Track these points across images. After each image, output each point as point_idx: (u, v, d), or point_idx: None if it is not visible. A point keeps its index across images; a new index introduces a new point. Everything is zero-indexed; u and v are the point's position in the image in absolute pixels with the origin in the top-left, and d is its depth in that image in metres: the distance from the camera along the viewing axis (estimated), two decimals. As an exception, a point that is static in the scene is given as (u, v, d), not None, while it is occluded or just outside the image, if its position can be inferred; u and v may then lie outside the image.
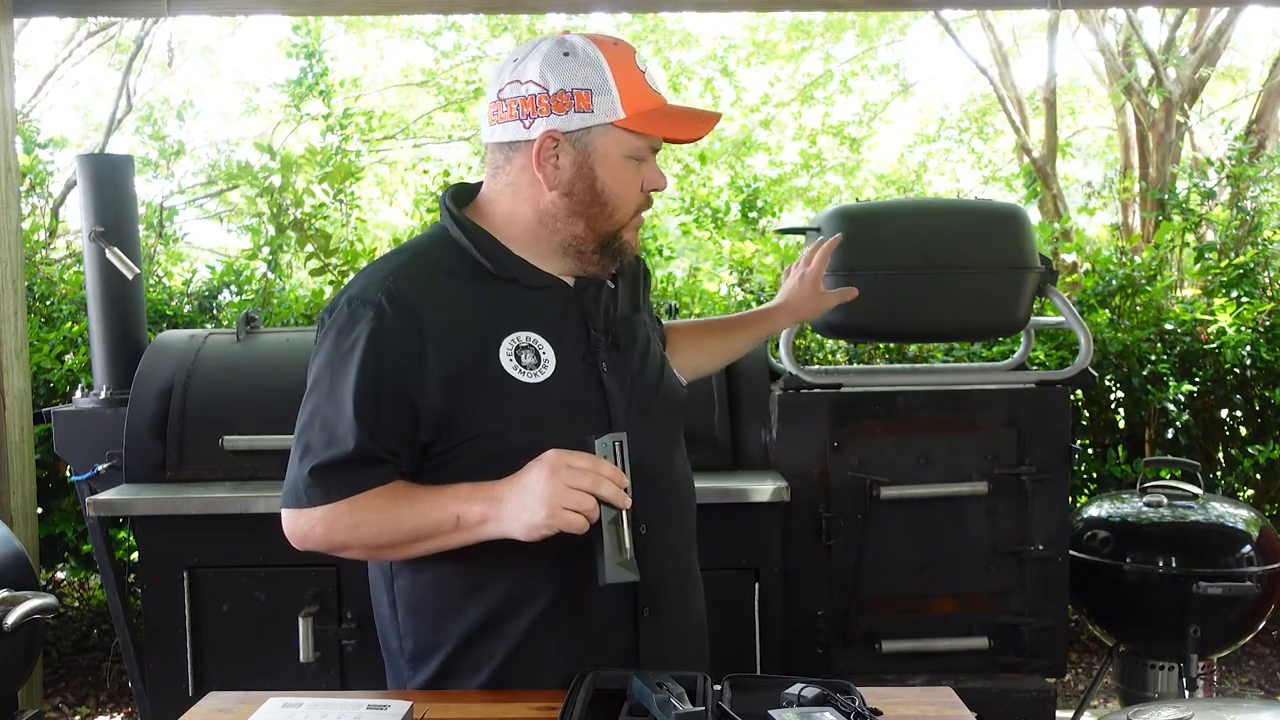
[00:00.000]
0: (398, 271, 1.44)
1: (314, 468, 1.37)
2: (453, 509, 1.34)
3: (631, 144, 1.43)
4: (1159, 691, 2.88)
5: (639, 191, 1.47)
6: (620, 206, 1.46)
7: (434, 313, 1.40)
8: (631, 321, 1.59)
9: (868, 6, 7.59)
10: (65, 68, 8.40)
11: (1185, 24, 8.36)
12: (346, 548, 1.41)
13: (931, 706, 1.40)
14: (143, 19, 6.63)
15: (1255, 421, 4.22)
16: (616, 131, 1.42)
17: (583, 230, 1.45)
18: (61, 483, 3.89)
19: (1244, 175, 4.76)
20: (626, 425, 1.43)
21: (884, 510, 2.63)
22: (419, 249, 1.51)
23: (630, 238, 1.49)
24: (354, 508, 1.37)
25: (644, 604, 1.47)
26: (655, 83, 1.45)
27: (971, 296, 2.66)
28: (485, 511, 1.33)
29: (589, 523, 1.29)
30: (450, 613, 1.46)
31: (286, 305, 4.36)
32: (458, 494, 1.35)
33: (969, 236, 2.68)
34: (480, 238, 1.48)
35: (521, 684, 1.45)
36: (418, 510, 1.36)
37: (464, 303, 1.43)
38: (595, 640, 1.46)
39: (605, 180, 1.43)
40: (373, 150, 8.70)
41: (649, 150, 1.47)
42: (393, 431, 1.38)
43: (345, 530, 1.38)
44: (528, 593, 1.44)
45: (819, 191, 10.43)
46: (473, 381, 1.39)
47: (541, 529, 1.29)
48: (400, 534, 1.37)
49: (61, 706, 3.89)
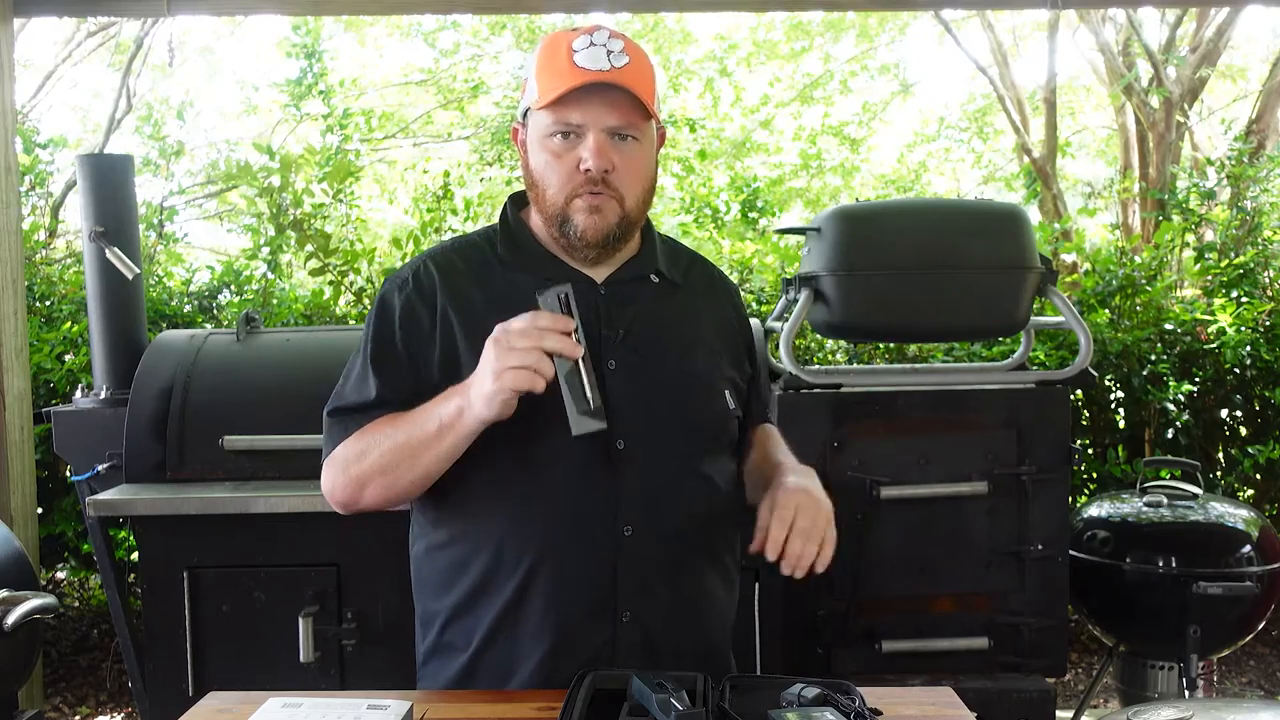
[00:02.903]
0: (432, 255, 1.55)
1: (332, 410, 1.50)
2: (434, 412, 1.39)
3: (546, 123, 1.44)
4: (1159, 691, 2.88)
5: (575, 170, 1.44)
6: (548, 186, 1.46)
7: (449, 295, 1.49)
8: (675, 332, 1.55)
9: (868, 6, 7.59)
10: (65, 68, 8.40)
11: (1185, 24, 8.36)
12: (364, 483, 1.45)
13: (931, 706, 1.40)
14: (142, 19, 6.63)
15: (1255, 421, 4.22)
16: (537, 114, 1.45)
17: (541, 214, 1.50)
18: (61, 483, 3.89)
19: (1244, 175, 4.76)
20: (627, 427, 1.42)
21: (884, 510, 2.63)
22: (463, 238, 1.61)
23: (581, 220, 1.45)
24: (361, 436, 1.45)
25: (622, 607, 1.45)
26: (590, 61, 1.41)
27: (971, 296, 2.66)
28: (459, 403, 1.36)
29: (543, 378, 1.30)
30: (443, 585, 1.51)
31: (286, 305, 4.36)
32: (437, 400, 1.40)
33: (969, 236, 2.68)
34: (516, 230, 1.55)
35: (496, 670, 1.47)
36: (408, 424, 1.41)
37: (478, 289, 1.50)
38: (570, 637, 1.44)
39: (534, 162, 1.48)
40: (374, 150, 8.70)
41: (575, 128, 1.43)
42: (405, 389, 1.46)
43: (356, 460, 1.44)
44: (502, 576, 1.45)
45: (818, 192, 10.43)
46: (470, 362, 1.42)
47: (496, 396, 1.31)
48: (399, 451, 1.41)
49: (61, 706, 3.89)
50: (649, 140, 1.50)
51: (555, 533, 1.43)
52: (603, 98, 1.42)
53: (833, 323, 2.73)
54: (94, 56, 8.65)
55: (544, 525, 1.44)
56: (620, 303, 1.51)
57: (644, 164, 1.49)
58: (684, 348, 1.55)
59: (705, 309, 1.62)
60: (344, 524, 2.40)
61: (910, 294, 2.64)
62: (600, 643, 1.45)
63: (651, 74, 1.48)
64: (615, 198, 1.45)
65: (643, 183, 1.50)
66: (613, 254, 1.52)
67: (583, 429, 1.32)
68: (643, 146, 1.48)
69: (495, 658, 1.47)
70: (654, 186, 1.55)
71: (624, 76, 1.41)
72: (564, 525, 1.43)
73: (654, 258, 1.58)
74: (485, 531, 1.45)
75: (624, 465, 1.43)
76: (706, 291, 1.65)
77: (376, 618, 2.49)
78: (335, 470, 1.47)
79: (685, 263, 1.66)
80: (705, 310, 1.62)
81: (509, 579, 1.45)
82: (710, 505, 1.53)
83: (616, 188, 1.45)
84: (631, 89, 1.41)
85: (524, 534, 1.44)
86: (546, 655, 1.44)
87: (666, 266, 1.60)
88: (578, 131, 1.43)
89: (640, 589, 1.45)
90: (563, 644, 1.44)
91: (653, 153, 1.53)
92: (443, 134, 10.13)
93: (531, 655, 1.45)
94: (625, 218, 1.47)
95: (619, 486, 1.42)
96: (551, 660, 1.44)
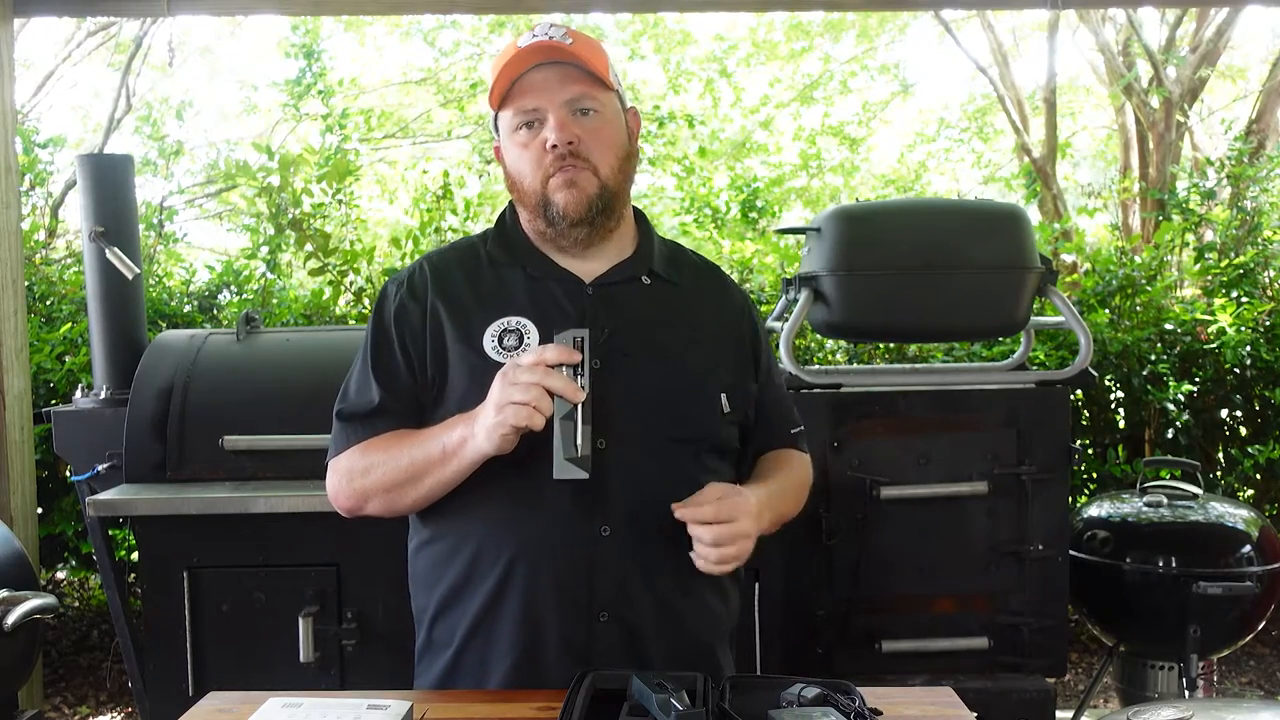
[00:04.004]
0: (429, 256, 1.59)
1: (338, 412, 1.53)
2: (440, 438, 1.41)
3: (509, 119, 1.49)
4: (1159, 691, 2.88)
5: (543, 151, 1.46)
6: (523, 177, 1.49)
7: (439, 292, 1.52)
8: (666, 333, 1.54)
9: (868, 6, 7.59)
10: (65, 68, 8.40)
11: (1185, 24, 8.36)
12: (367, 496, 1.48)
13: (931, 706, 1.40)
14: (142, 19, 6.63)
15: (1255, 421, 4.22)
16: (503, 115, 1.51)
17: (526, 208, 1.52)
18: (61, 483, 3.89)
19: (1244, 175, 4.76)
20: (609, 427, 1.42)
21: (884, 510, 2.63)
22: (463, 240, 1.64)
23: (560, 198, 1.47)
24: (366, 451, 1.48)
25: (599, 607, 1.44)
26: (534, 43, 1.43)
27: (971, 296, 2.66)
28: (463, 433, 1.38)
29: (542, 415, 1.30)
30: (430, 581, 1.53)
31: (286, 305, 4.36)
32: (445, 425, 1.42)
33: (969, 236, 2.67)
34: (510, 230, 1.57)
35: (477, 667, 1.47)
36: (414, 446, 1.43)
37: (469, 287, 1.52)
38: (545, 635, 1.44)
39: (509, 160, 1.52)
40: (374, 149, 8.70)
41: (534, 113, 1.46)
42: (406, 390, 1.50)
43: (361, 475, 1.47)
44: (481, 573, 1.46)
45: (818, 192, 10.42)
46: (456, 359, 1.47)
47: (496, 430, 1.32)
48: (402, 472, 1.44)
49: (61, 706, 3.89)
50: (613, 112, 1.51)
51: (533, 531, 1.44)
52: (554, 74, 1.45)
53: (833, 323, 2.73)
54: (94, 56, 8.65)
55: (522, 523, 1.44)
56: (607, 303, 1.51)
57: (611, 133, 1.50)
58: (675, 349, 1.53)
59: (708, 313, 1.60)
60: (344, 524, 2.39)
61: (910, 294, 2.64)
62: (577, 642, 1.44)
63: (600, 50, 1.50)
64: (588, 168, 1.47)
65: (614, 149, 1.50)
66: (602, 235, 1.52)
67: (564, 474, 1.33)
68: (606, 117, 1.49)
69: (475, 655, 1.48)
70: (631, 160, 1.55)
71: (569, 50, 1.45)
72: (541, 524, 1.43)
73: (649, 258, 1.58)
74: (468, 528, 1.47)
75: (605, 465, 1.41)
76: (715, 298, 1.63)
77: (376, 618, 2.49)
78: (340, 478, 1.50)
79: (689, 266, 1.64)
80: (708, 314, 1.60)
81: (488, 576, 1.45)
82: None
83: (586, 157, 1.47)
84: (578, 58, 1.45)
85: (503, 531, 1.45)
86: (523, 653, 1.44)
87: (663, 268, 1.59)
88: (539, 118, 1.47)
89: (618, 590, 1.44)
90: (538, 642, 1.44)
91: (619, 123, 1.53)
92: (442, 133, 10.13)
93: (509, 653, 1.45)
94: (603, 187, 1.48)
95: (598, 486, 1.40)
96: (528, 658, 1.44)
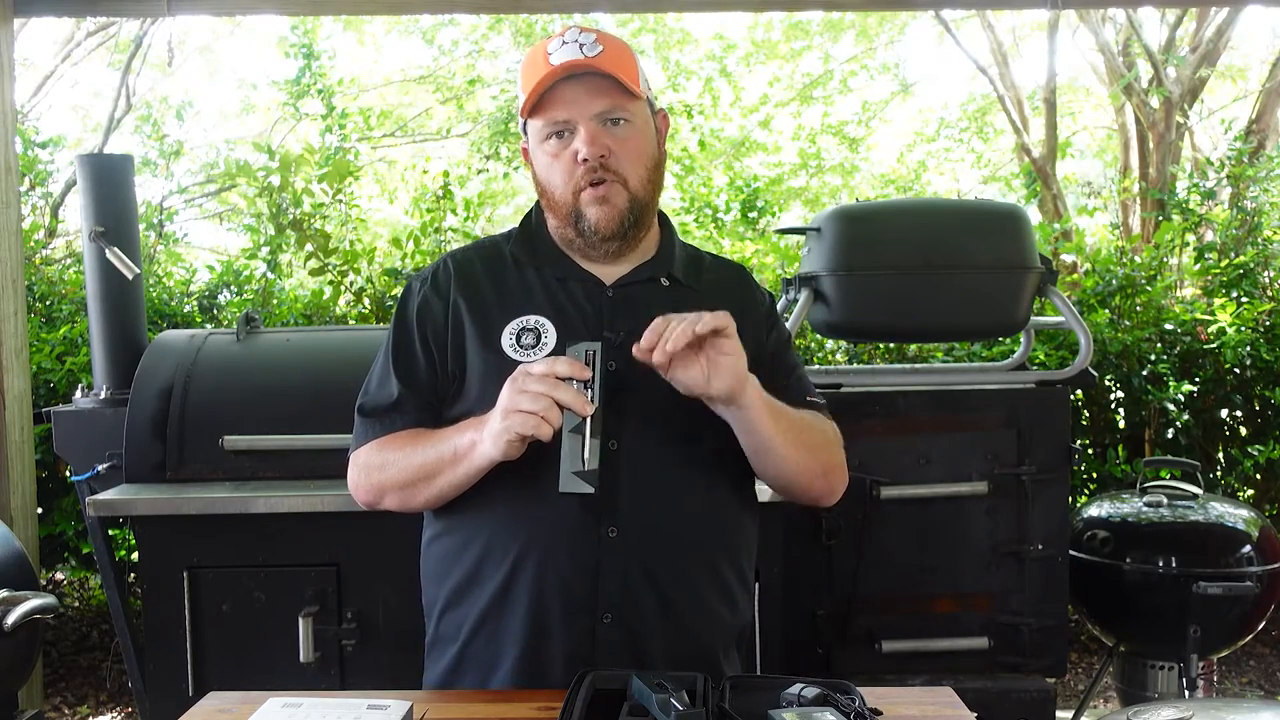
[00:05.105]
0: (454, 254, 1.61)
1: (359, 407, 1.54)
2: (452, 440, 1.42)
3: (539, 128, 1.48)
4: (1159, 691, 2.88)
5: (574, 164, 1.46)
6: (554, 187, 1.49)
7: (464, 291, 1.53)
8: None
9: (868, 6, 7.60)
10: (65, 68, 8.40)
11: (1185, 24, 8.36)
12: (384, 491, 1.49)
13: (931, 706, 1.40)
14: (142, 19, 6.63)
15: (1255, 421, 4.22)
16: (532, 123, 1.50)
17: (555, 216, 1.52)
18: (61, 483, 3.89)
19: (1244, 175, 4.76)
20: (621, 429, 1.42)
21: (884, 510, 2.63)
22: (487, 239, 1.64)
23: (592, 213, 1.47)
24: (384, 448, 1.49)
25: (603, 608, 1.44)
26: (564, 56, 1.43)
27: (971, 296, 2.66)
28: (473, 437, 1.38)
29: (549, 426, 1.29)
30: (439, 574, 1.54)
31: (286, 305, 4.36)
32: (458, 427, 1.43)
33: (969, 236, 2.68)
34: (534, 231, 1.58)
35: (482, 663, 1.48)
36: (428, 446, 1.44)
37: (490, 285, 1.54)
38: (549, 634, 1.44)
39: (539, 168, 1.52)
40: (374, 148, 8.70)
41: (565, 124, 1.46)
42: (426, 385, 1.51)
43: (378, 470, 1.48)
44: (489, 569, 1.46)
45: (817, 192, 10.43)
46: (475, 355, 1.48)
47: (502, 436, 1.33)
48: (416, 471, 1.45)
49: (61, 706, 3.89)
50: (643, 120, 1.50)
51: (540, 529, 1.44)
52: (584, 87, 1.44)
53: (833, 323, 2.73)
54: (94, 56, 8.66)
55: (531, 521, 1.44)
56: (626, 304, 1.51)
57: (641, 144, 1.49)
58: None
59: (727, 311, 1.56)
60: (344, 524, 2.42)
61: (910, 294, 2.64)
62: (580, 642, 1.44)
63: (630, 56, 1.48)
64: (618, 181, 1.46)
65: (644, 161, 1.49)
66: (632, 246, 1.52)
67: (570, 488, 1.31)
68: (636, 127, 1.48)
69: (480, 651, 1.49)
70: (660, 168, 1.54)
71: (599, 62, 1.43)
72: (549, 522, 1.43)
73: (669, 260, 1.58)
74: (478, 524, 1.48)
75: (615, 467, 1.42)
76: (735, 302, 1.53)
77: (376, 618, 2.49)
78: (359, 473, 1.52)
79: (709, 271, 1.63)
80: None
81: (495, 572, 1.46)
82: (706, 514, 1.50)
83: (617, 170, 1.46)
84: (609, 71, 1.43)
85: (512, 529, 1.45)
86: (527, 650, 1.45)
87: (682, 271, 1.58)
88: (569, 128, 1.46)
89: (622, 591, 1.44)
90: (542, 640, 1.45)
91: (650, 133, 1.52)
92: (441, 130, 10.13)
93: (513, 650, 1.46)
94: (634, 200, 1.48)
95: (607, 488, 1.40)
96: (532, 656, 1.45)
